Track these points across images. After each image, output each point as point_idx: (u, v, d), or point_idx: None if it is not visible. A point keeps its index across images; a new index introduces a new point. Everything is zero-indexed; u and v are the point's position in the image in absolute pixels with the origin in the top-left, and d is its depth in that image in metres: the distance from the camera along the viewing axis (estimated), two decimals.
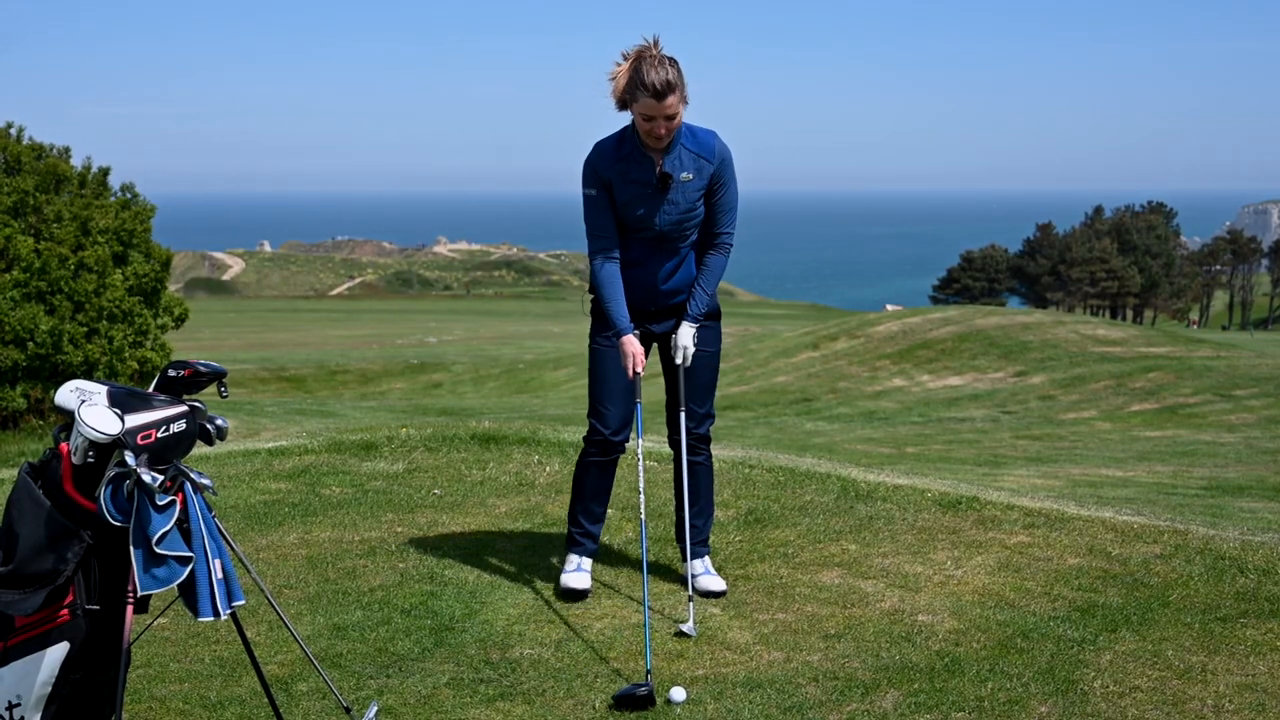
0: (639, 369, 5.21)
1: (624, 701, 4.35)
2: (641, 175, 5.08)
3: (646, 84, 4.83)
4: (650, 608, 5.13)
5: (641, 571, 5.25)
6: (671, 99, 4.85)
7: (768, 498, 6.70)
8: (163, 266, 15.97)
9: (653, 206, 5.12)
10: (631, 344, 5.20)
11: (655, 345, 5.46)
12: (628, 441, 5.47)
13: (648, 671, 4.55)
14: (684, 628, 4.96)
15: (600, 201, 5.15)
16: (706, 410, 5.49)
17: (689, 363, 5.32)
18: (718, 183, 5.16)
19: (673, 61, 4.89)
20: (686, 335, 5.29)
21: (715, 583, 5.45)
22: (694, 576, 5.49)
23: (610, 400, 5.35)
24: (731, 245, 5.34)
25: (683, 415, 5.41)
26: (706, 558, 5.58)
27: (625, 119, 5.11)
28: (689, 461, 5.51)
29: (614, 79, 4.98)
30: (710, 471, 5.61)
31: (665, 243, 5.23)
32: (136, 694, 4.46)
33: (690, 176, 5.09)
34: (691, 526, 5.56)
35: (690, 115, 5.07)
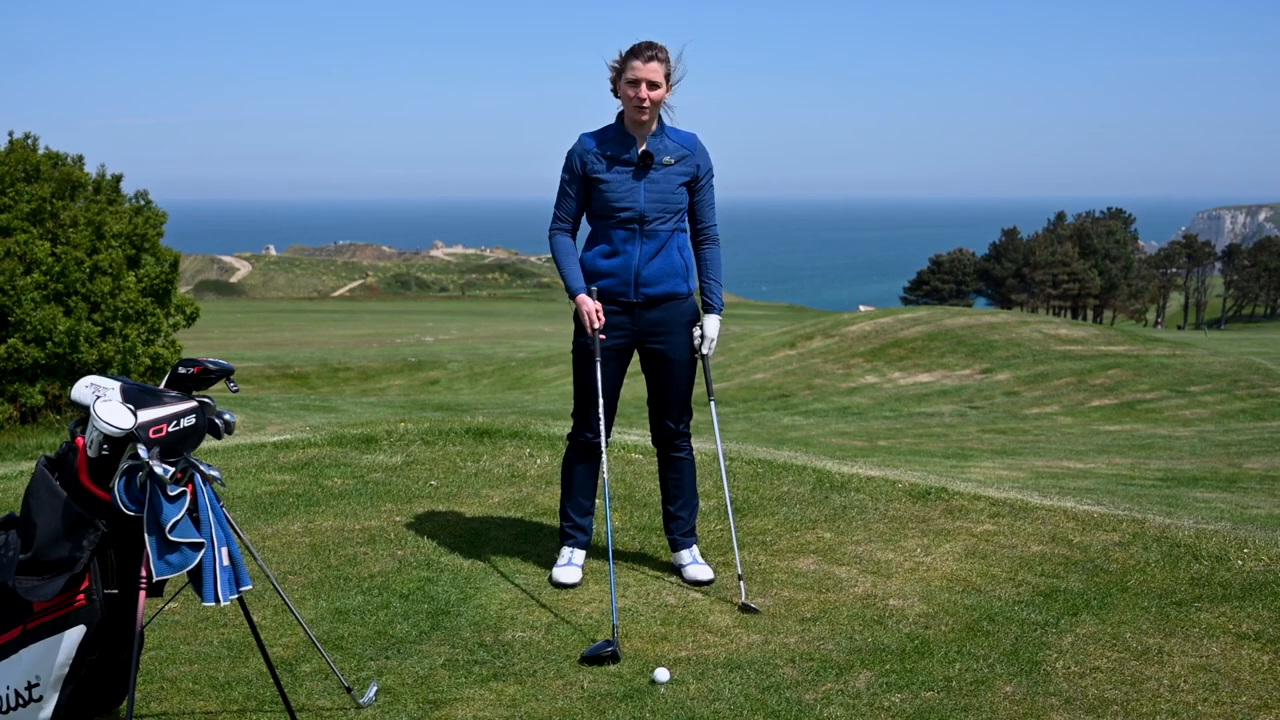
0: (597, 324, 5.21)
1: (591, 660, 4.46)
2: (624, 154, 5.16)
3: (633, 48, 5.09)
4: (629, 585, 5.17)
5: (617, 559, 5.26)
6: (655, 65, 5.04)
7: (747, 488, 6.71)
8: (171, 268, 15.91)
9: (634, 186, 5.16)
10: (587, 303, 5.22)
11: (636, 352, 5.41)
12: (609, 438, 5.48)
13: (614, 627, 4.61)
14: (749, 604, 5.06)
15: (572, 186, 5.24)
16: (685, 408, 5.50)
17: (711, 351, 5.39)
18: (702, 175, 5.25)
19: (663, 47, 5.12)
20: (712, 326, 5.36)
21: (703, 572, 5.44)
22: (682, 566, 5.49)
23: (592, 402, 5.36)
24: (719, 237, 5.42)
25: (665, 422, 5.45)
26: (694, 547, 5.57)
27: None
28: (673, 458, 5.52)
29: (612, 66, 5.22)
30: (693, 465, 5.60)
31: (645, 226, 5.21)
32: (149, 675, 4.46)
33: (672, 161, 5.17)
34: (677, 518, 5.56)
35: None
